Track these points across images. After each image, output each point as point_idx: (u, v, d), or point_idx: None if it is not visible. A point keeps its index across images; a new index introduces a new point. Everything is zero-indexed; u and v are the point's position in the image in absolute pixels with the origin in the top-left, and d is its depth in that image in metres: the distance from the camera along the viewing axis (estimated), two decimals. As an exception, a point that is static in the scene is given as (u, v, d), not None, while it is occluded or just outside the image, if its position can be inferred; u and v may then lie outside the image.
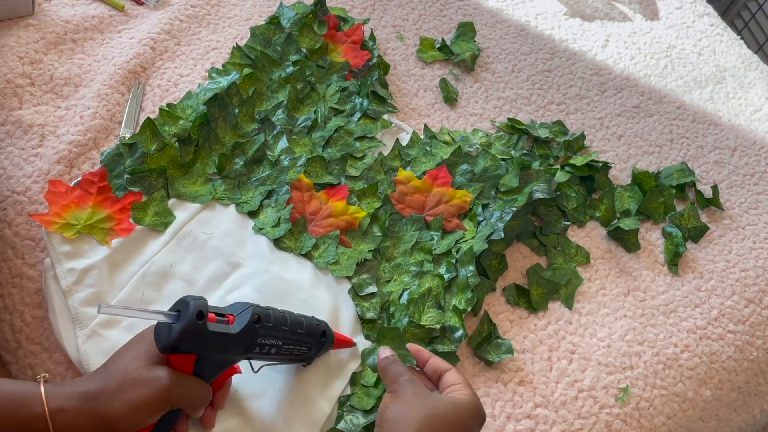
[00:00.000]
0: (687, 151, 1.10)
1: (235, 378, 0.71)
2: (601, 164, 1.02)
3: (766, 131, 1.16)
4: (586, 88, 1.15)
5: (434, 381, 0.72)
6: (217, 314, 0.63)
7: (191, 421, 0.69)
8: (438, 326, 0.80)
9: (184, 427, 0.67)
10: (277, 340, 0.67)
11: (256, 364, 0.71)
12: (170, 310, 0.61)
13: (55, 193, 0.82)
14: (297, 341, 0.69)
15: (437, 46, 1.14)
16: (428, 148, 0.98)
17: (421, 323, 0.80)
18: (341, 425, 0.73)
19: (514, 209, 0.89)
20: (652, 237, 0.98)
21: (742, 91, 1.22)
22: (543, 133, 1.04)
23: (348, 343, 0.78)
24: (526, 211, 0.92)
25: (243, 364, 0.71)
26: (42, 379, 0.60)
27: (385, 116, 1.01)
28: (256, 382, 0.73)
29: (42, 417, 0.56)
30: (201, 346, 0.61)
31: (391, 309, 0.82)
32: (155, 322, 0.62)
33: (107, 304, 0.57)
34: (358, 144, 0.96)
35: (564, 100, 1.13)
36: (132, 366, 0.61)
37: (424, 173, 0.95)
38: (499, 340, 0.82)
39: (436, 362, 0.72)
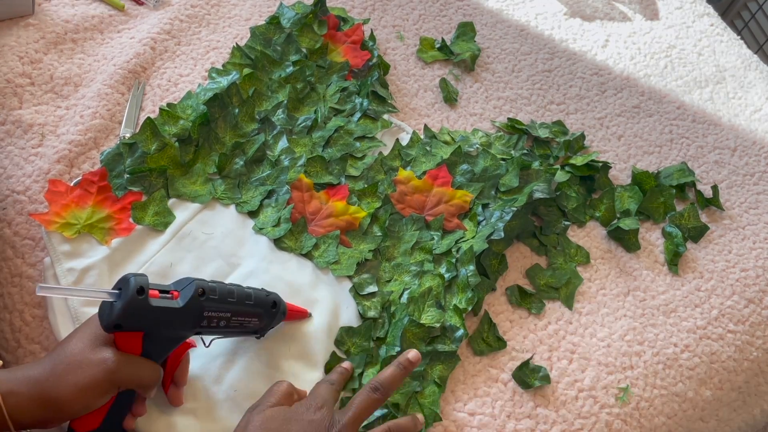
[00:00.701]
0: (687, 151, 1.10)
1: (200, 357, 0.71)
2: (601, 164, 1.02)
3: (766, 131, 1.16)
4: (586, 88, 1.15)
5: None
6: (161, 291, 0.63)
7: (161, 400, 0.69)
8: (438, 325, 0.80)
9: (142, 409, 0.67)
10: (225, 312, 0.66)
11: (208, 338, 0.71)
12: (113, 288, 0.61)
13: (55, 193, 0.82)
14: (246, 313, 0.69)
15: (437, 46, 1.14)
16: (428, 148, 0.98)
17: (421, 322, 0.80)
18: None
19: (514, 209, 0.89)
20: (652, 237, 0.98)
21: (742, 91, 1.22)
22: (543, 133, 1.04)
23: (302, 314, 0.77)
24: (526, 211, 0.92)
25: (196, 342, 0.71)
26: None
27: (385, 116, 1.01)
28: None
29: None
30: (145, 322, 0.61)
31: (392, 308, 0.82)
32: None
33: (47, 285, 0.57)
34: (358, 144, 0.96)
35: (564, 100, 1.13)
36: (77, 348, 0.61)
37: (424, 173, 0.95)
38: (535, 366, 0.82)
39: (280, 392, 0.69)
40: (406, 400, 0.76)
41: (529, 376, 0.81)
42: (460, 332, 0.80)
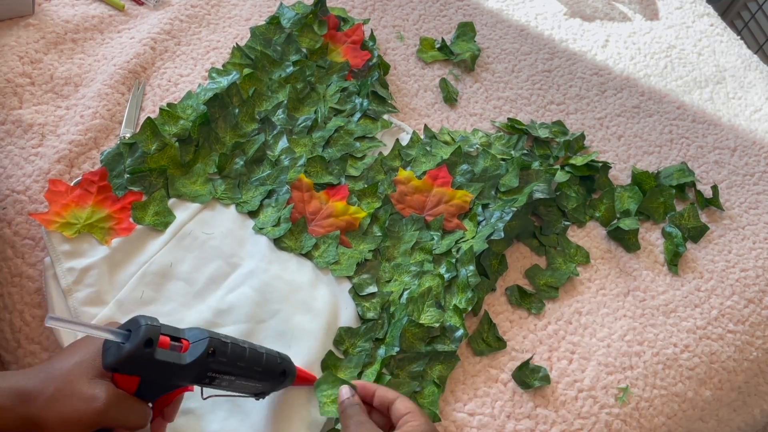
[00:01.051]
0: (687, 151, 1.10)
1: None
2: (601, 164, 1.02)
3: (766, 131, 1.16)
4: (586, 88, 1.15)
5: (385, 414, 0.67)
6: (172, 338, 0.60)
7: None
8: (437, 325, 0.80)
9: None
10: (230, 375, 0.63)
11: (207, 390, 0.67)
12: (122, 327, 0.59)
13: (55, 192, 0.82)
14: (252, 377, 0.65)
15: (437, 46, 1.14)
16: (428, 148, 0.99)
17: (421, 322, 0.80)
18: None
19: (514, 209, 0.89)
20: (652, 237, 0.98)
21: (742, 91, 1.22)
22: (543, 133, 1.04)
23: (309, 381, 0.73)
24: (526, 211, 0.92)
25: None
26: None
27: (385, 116, 1.01)
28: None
29: None
30: (145, 372, 0.59)
31: (392, 309, 0.82)
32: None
33: (57, 317, 0.55)
34: (358, 144, 0.96)
35: (564, 100, 1.13)
36: (74, 374, 0.59)
37: (424, 173, 0.95)
38: (535, 366, 0.82)
39: (382, 393, 0.68)
40: (405, 400, 0.76)
41: (528, 377, 0.81)
42: (460, 332, 0.80)
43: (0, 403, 0.57)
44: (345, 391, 0.68)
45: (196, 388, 0.66)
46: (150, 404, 0.62)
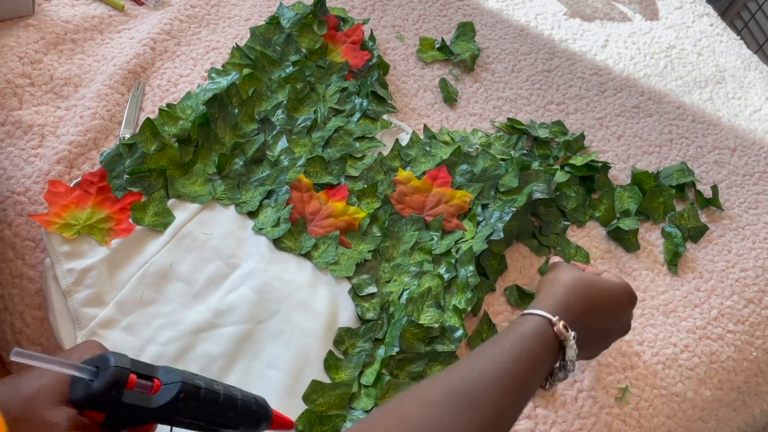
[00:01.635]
0: (687, 151, 1.10)
1: None
2: (600, 164, 1.02)
3: (766, 131, 1.16)
4: (585, 88, 1.15)
5: None
6: (141, 376, 0.57)
7: None
8: (437, 325, 0.80)
9: None
10: (201, 420, 0.61)
11: (176, 429, 0.64)
12: (91, 363, 0.56)
13: (55, 194, 0.82)
14: (223, 424, 0.63)
15: (437, 46, 1.14)
16: (428, 149, 0.99)
17: (420, 322, 0.80)
18: (343, 428, 0.73)
19: (514, 209, 0.89)
20: (652, 237, 0.98)
21: (742, 91, 1.22)
22: (543, 133, 1.04)
23: (286, 425, 0.70)
24: (526, 212, 0.92)
25: None
26: None
27: (385, 116, 1.01)
28: None
29: None
30: (112, 410, 0.57)
31: (391, 309, 0.82)
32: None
33: (23, 351, 0.52)
34: (357, 144, 0.96)
35: (564, 100, 1.13)
36: (38, 399, 0.56)
37: (423, 173, 0.95)
38: None
39: (590, 269, 0.79)
40: (405, 400, 0.76)
41: None
42: (460, 332, 0.80)
43: None
44: (554, 258, 0.84)
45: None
46: None
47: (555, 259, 0.83)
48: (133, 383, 0.56)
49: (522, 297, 0.88)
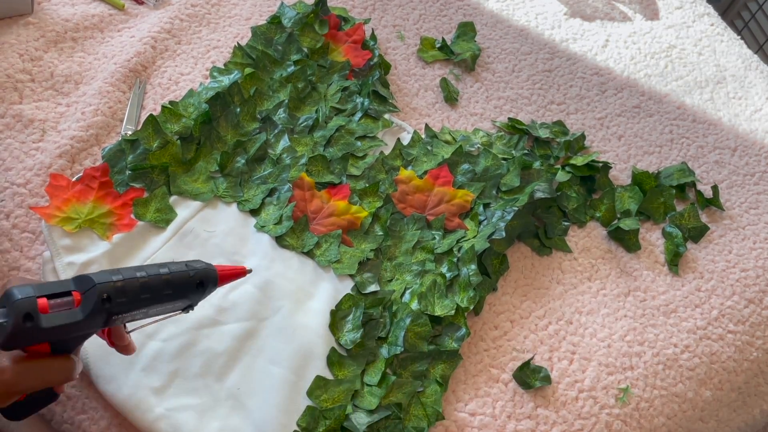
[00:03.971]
0: (687, 151, 1.10)
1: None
2: (601, 164, 1.02)
3: (766, 131, 1.16)
4: (586, 88, 1.15)
5: None
6: (55, 295, 0.55)
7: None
8: (453, 312, 0.81)
9: (60, 388, 0.63)
10: (140, 309, 0.59)
11: (130, 324, 0.63)
12: None
13: (57, 187, 0.82)
14: (165, 301, 0.61)
15: (438, 45, 1.14)
16: (429, 148, 0.98)
17: (436, 314, 0.80)
18: (347, 424, 0.73)
19: (516, 209, 0.89)
20: (653, 237, 0.98)
21: (742, 91, 1.22)
22: (543, 133, 1.04)
23: (240, 273, 0.68)
24: (527, 211, 0.92)
25: None
26: None
27: (386, 116, 1.01)
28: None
29: None
30: (42, 339, 0.55)
31: (393, 308, 0.82)
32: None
33: None
34: (359, 143, 0.96)
35: (564, 100, 1.13)
36: None
37: (425, 173, 0.95)
38: (536, 366, 0.82)
39: None
40: (408, 399, 0.76)
41: (529, 377, 0.81)
42: (462, 331, 0.80)
43: None
44: None
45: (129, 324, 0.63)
46: (75, 355, 0.59)
47: None
48: (45, 307, 0.54)
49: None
